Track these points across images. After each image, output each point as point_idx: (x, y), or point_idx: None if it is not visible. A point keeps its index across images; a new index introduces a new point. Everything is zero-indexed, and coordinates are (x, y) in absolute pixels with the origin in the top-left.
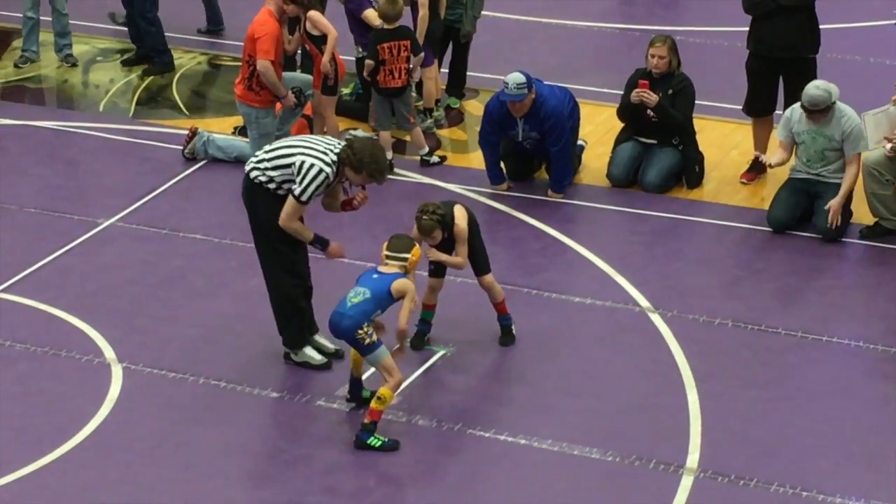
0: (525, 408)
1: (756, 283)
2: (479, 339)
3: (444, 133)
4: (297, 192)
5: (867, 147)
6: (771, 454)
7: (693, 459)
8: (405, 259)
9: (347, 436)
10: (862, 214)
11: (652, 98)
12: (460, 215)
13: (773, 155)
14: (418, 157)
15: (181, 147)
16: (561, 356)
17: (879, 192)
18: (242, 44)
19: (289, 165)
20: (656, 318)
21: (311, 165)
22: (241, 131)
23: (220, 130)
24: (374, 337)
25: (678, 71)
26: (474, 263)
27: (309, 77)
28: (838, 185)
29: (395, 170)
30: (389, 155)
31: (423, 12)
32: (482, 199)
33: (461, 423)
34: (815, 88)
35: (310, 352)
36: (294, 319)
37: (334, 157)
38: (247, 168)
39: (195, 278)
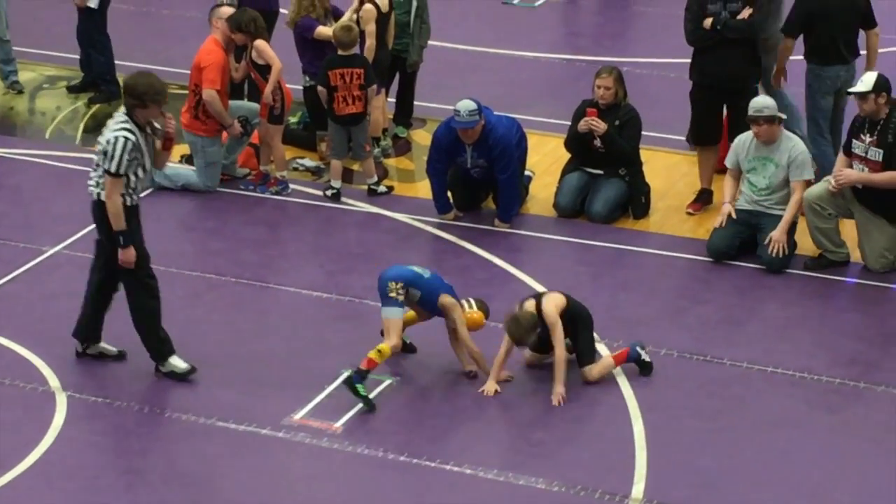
0: (471, 438)
1: (701, 314)
2: (424, 368)
3: (391, 162)
4: (112, 168)
5: (811, 175)
6: (716, 485)
7: (638, 489)
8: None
9: (302, 468)
10: (806, 246)
11: (600, 126)
12: (551, 305)
13: (725, 191)
14: (366, 187)
15: None
16: (507, 386)
17: (822, 226)
18: (189, 72)
19: (101, 163)
20: (602, 348)
21: (115, 139)
22: (187, 160)
23: None
24: (401, 298)
25: (624, 102)
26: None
27: (255, 106)
28: (780, 218)
29: (343, 199)
30: (338, 184)
31: (371, 42)
32: (429, 228)
33: (406, 453)
34: (758, 97)
35: (174, 361)
36: (153, 333)
37: (123, 118)
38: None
39: None
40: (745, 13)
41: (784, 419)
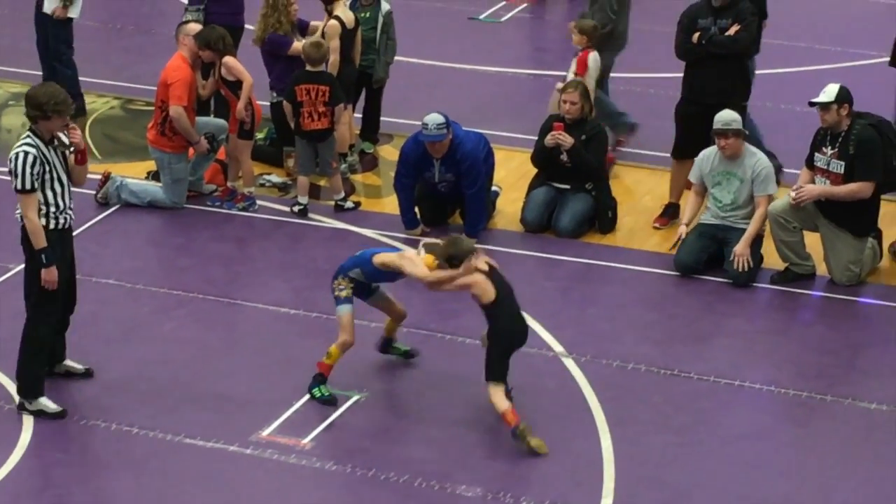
0: (439, 453)
1: (669, 328)
2: (393, 383)
3: (357, 178)
4: (18, 185)
5: (775, 189)
6: (684, 498)
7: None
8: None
9: (271, 484)
10: (773, 260)
11: (567, 140)
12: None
13: (686, 210)
14: (333, 203)
15: (94, 192)
16: (475, 401)
17: (787, 240)
18: (155, 89)
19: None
20: (570, 363)
21: (15, 156)
22: (154, 176)
23: (133, 175)
24: (346, 293)
25: (590, 117)
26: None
27: (222, 122)
28: (743, 231)
29: (310, 215)
30: (305, 200)
31: (334, 58)
32: (397, 244)
33: (375, 468)
34: (724, 111)
35: (44, 401)
36: (35, 366)
37: (27, 134)
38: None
39: (108, 323)
40: (733, 30)
41: (751, 432)
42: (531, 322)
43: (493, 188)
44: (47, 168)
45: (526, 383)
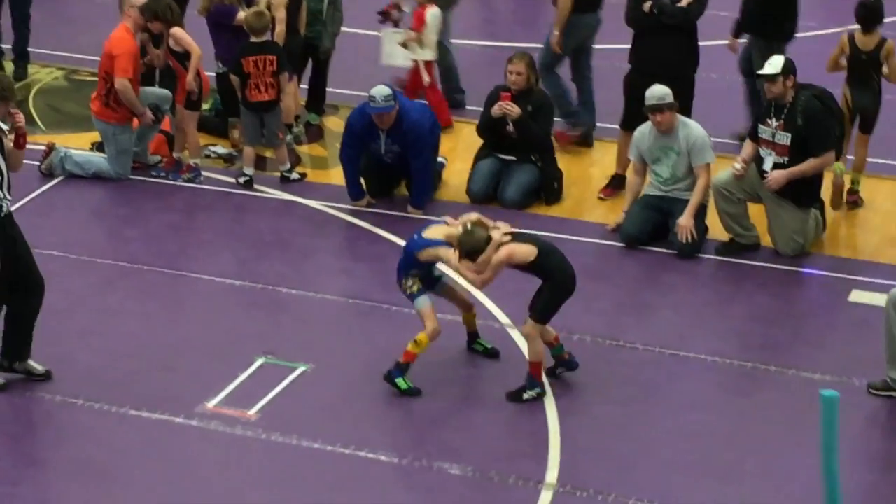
0: (386, 425)
1: (614, 299)
2: (338, 355)
3: (303, 149)
4: None
5: (713, 159)
6: (629, 468)
7: (552, 475)
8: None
9: (217, 456)
10: (718, 231)
11: (514, 110)
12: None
13: (627, 192)
14: (278, 174)
15: (38, 163)
16: (421, 372)
17: (731, 211)
18: (99, 59)
19: None
20: (516, 335)
21: None
22: (98, 147)
23: (77, 146)
24: (415, 288)
25: (537, 88)
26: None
27: (166, 92)
28: (687, 201)
29: (256, 186)
30: (250, 171)
31: (280, 28)
32: (342, 215)
33: (320, 439)
34: (655, 86)
35: None
36: None
37: None
38: None
39: (52, 295)
40: (685, 1)
41: (696, 403)
42: (476, 293)
43: (439, 159)
44: None
45: (471, 355)
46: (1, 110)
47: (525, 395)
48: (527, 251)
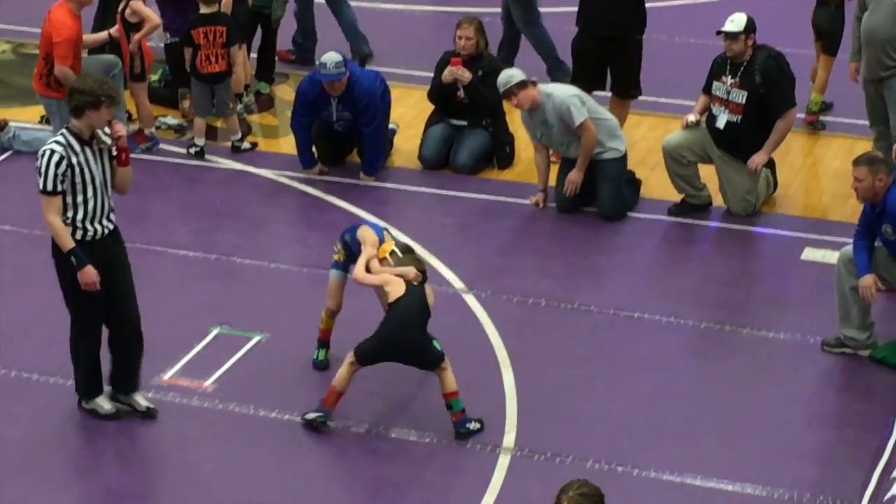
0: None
1: (568, 262)
2: (293, 324)
3: (254, 118)
4: (40, 185)
5: (585, 116)
6: (586, 431)
7: (510, 439)
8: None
9: (174, 427)
10: (670, 192)
11: (465, 75)
12: None
13: (539, 174)
14: (230, 144)
15: None
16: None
17: (682, 173)
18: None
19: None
20: (470, 299)
21: (42, 153)
22: (48, 120)
23: (26, 119)
24: (337, 258)
25: (486, 52)
26: None
27: (112, 57)
28: (606, 162)
29: (207, 156)
30: (201, 142)
31: None
32: (294, 184)
33: (277, 409)
34: (503, 71)
35: (100, 401)
36: (79, 372)
37: (62, 132)
38: None
39: (4, 270)
40: None
41: (652, 364)
42: (431, 259)
43: (391, 126)
44: (77, 171)
45: (430, 325)
46: (104, 116)
47: (308, 416)
48: (397, 292)
